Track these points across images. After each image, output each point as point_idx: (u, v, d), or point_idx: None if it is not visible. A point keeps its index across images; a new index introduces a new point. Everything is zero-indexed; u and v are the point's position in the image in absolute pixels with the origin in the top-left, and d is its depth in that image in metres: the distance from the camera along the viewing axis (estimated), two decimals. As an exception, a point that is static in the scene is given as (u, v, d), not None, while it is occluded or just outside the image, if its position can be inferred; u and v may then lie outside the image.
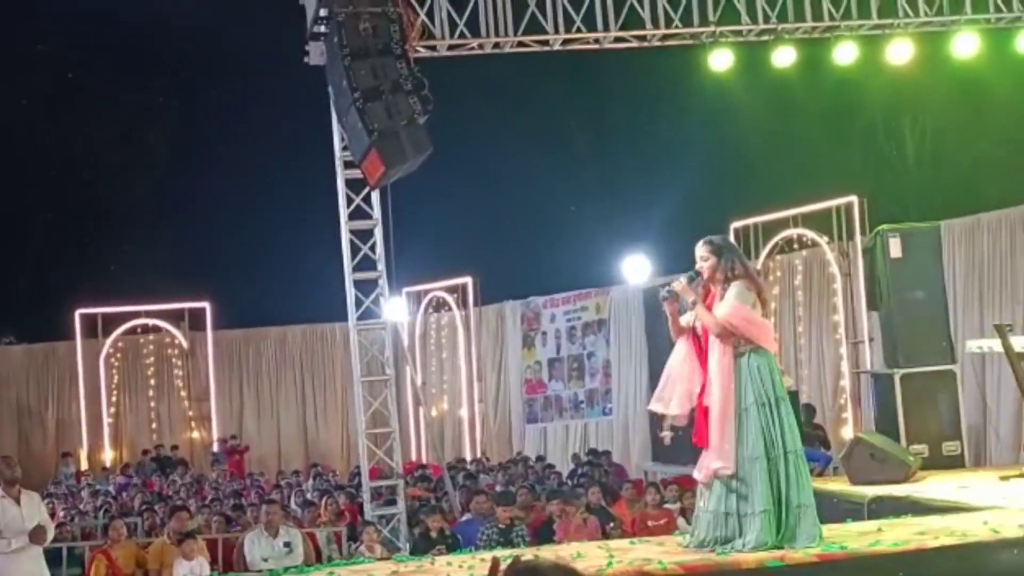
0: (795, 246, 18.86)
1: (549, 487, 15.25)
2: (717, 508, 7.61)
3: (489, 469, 19.14)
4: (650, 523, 12.16)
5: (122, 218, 30.87)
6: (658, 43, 14.83)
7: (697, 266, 7.90)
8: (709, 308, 7.80)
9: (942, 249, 13.60)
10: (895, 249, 12.70)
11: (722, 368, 7.66)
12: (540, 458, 20.40)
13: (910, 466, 11.19)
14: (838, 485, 11.19)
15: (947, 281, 13.93)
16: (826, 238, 18.03)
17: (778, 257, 18.99)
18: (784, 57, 14.82)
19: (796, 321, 18.90)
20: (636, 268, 20.68)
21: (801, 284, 18.91)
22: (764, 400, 7.64)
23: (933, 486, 10.64)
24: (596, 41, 14.67)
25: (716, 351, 7.71)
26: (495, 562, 2.35)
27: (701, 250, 7.91)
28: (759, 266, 17.93)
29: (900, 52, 14.91)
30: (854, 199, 17.33)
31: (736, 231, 18.79)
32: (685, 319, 7.97)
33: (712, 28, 14.54)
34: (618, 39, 14.67)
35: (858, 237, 17.00)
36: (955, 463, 12.25)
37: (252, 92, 27.84)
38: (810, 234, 18.37)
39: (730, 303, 7.68)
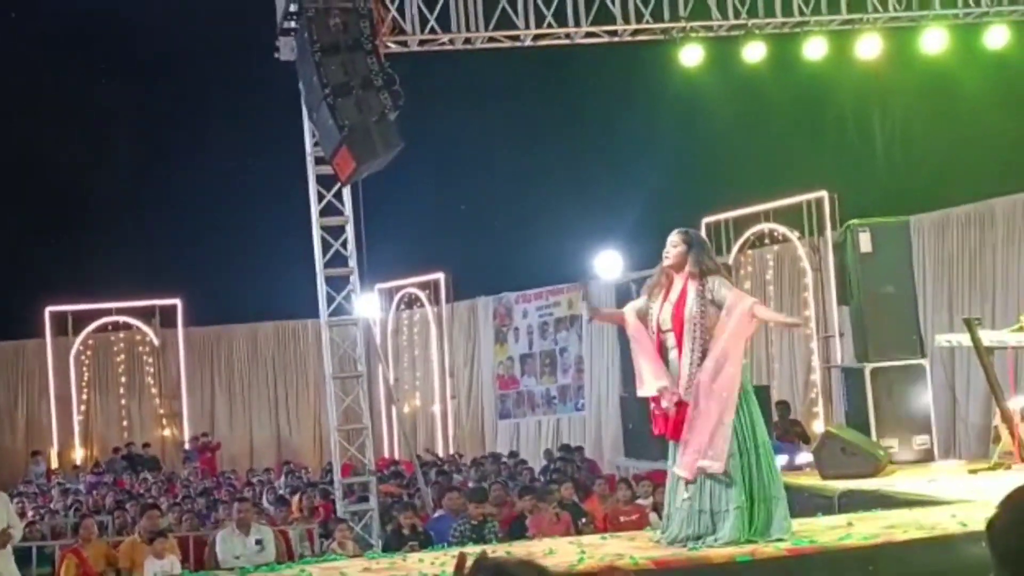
0: (766, 241, 18.93)
1: (521, 483, 15.26)
2: (692, 504, 7.62)
3: (460, 466, 19.15)
4: (622, 518, 12.17)
5: (92, 215, 30.65)
6: (629, 38, 14.87)
7: (665, 251, 7.93)
8: (667, 300, 7.85)
9: (911, 244, 13.67)
10: (865, 244, 12.75)
11: (729, 376, 7.63)
12: (513, 454, 20.41)
13: (880, 460, 11.24)
14: (808, 479, 11.23)
15: (916, 276, 14.02)
16: (797, 233, 18.11)
17: (749, 252, 19.06)
18: (754, 52, 14.88)
19: (767, 316, 18.95)
20: (608, 264, 20.68)
21: (772, 279, 18.98)
22: (738, 397, 7.67)
23: (903, 480, 10.71)
24: (567, 36, 14.69)
25: (729, 356, 7.64)
26: (461, 558, 2.33)
27: (674, 237, 7.97)
28: (730, 261, 17.98)
29: (869, 47, 15.00)
30: (824, 194, 17.41)
31: (707, 226, 18.85)
32: (633, 306, 8.03)
33: (683, 23, 14.59)
34: (589, 34, 14.70)
35: (828, 232, 17.07)
36: (925, 457, 12.32)
37: (222, 87, 27.68)
38: (781, 229, 18.45)
39: (744, 297, 7.77)
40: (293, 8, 13.40)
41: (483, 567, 2.18)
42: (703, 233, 18.76)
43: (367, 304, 17.54)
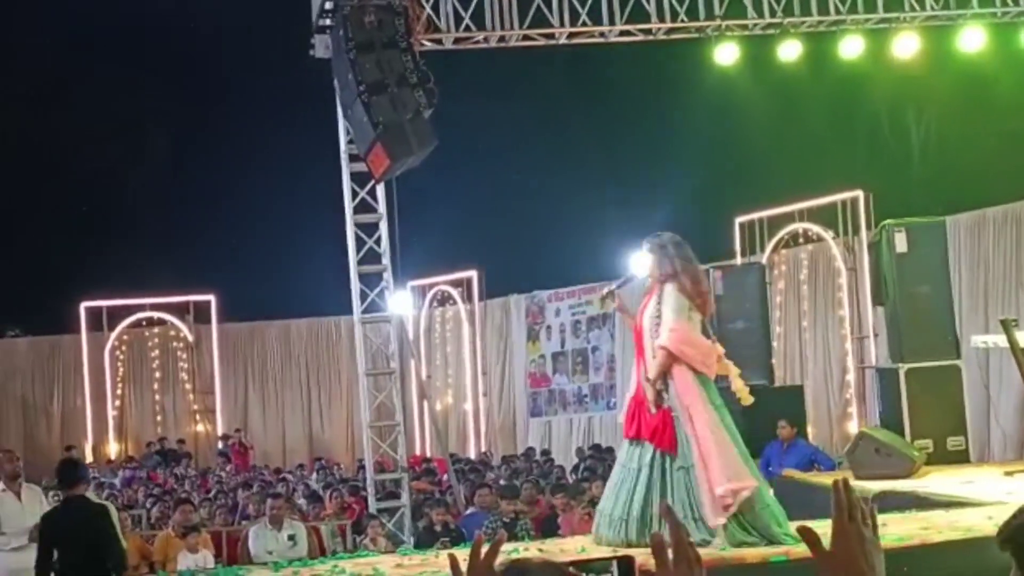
0: (800, 241, 18.85)
1: (553, 481, 15.25)
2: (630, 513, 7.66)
3: (492, 464, 19.16)
4: (655, 517, 12.12)
5: (127, 212, 30.86)
6: (663, 37, 14.83)
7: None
8: (645, 307, 7.86)
9: (947, 244, 13.57)
10: (900, 244, 12.69)
11: (680, 389, 7.65)
12: (544, 452, 20.40)
13: (914, 461, 11.18)
14: (843, 480, 11.17)
15: (952, 276, 13.91)
16: (831, 233, 18.01)
17: (783, 252, 18.98)
18: (790, 51, 14.82)
19: (801, 316, 18.89)
20: (641, 263, 20.66)
21: (806, 279, 18.89)
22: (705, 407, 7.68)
23: (937, 481, 10.64)
24: (601, 35, 14.67)
25: (670, 369, 7.67)
26: (452, 559, 2.32)
27: (643, 246, 8.02)
28: (764, 260, 17.91)
29: (906, 46, 14.90)
30: (860, 193, 17.31)
31: (741, 225, 18.79)
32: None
33: (718, 22, 14.54)
34: (623, 33, 14.67)
35: (863, 232, 16.98)
36: (959, 458, 12.24)
37: (257, 85, 27.82)
38: (815, 229, 18.36)
39: (667, 325, 7.67)
40: (328, 6, 13.43)
41: (508, 569, 2.17)
42: (737, 232, 18.78)
43: (400, 301, 17.57)
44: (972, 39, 14.88)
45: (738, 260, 18.36)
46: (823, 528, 2.28)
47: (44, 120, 30.78)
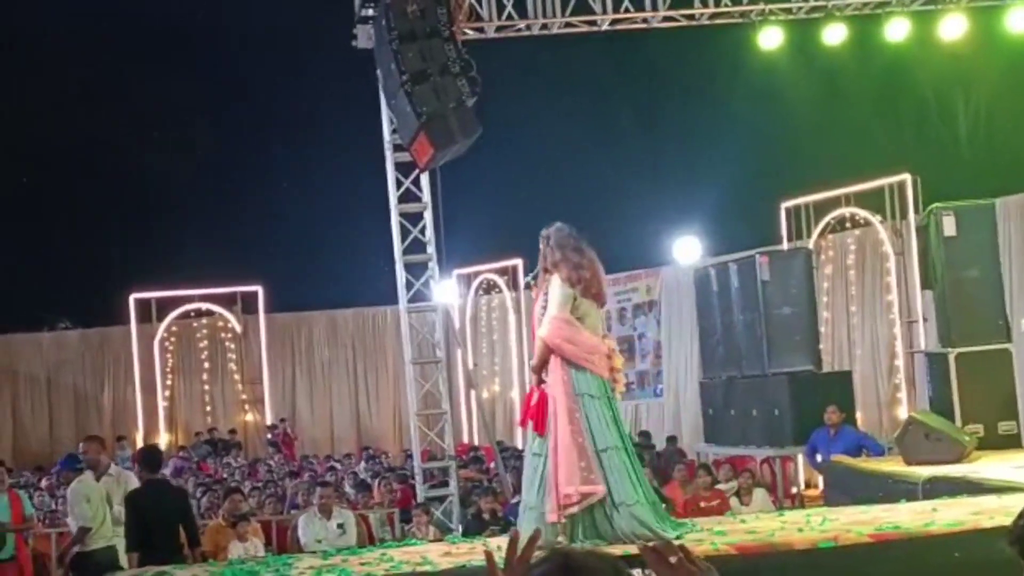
0: (847, 225, 18.69)
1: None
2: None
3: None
4: (702, 504, 12.12)
5: (174, 204, 31.08)
6: (707, 22, 14.76)
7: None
8: (536, 298, 8.04)
9: (996, 227, 13.42)
10: (949, 227, 12.57)
11: (554, 379, 7.70)
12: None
13: (965, 446, 11.09)
14: (893, 465, 11.12)
15: (1002, 259, 13.77)
16: (879, 217, 17.86)
17: (830, 237, 18.84)
18: (835, 34, 14.71)
19: (849, 301, 18.76)
20: (687, 249, 20.62)
21: (854, 264, 18.75)
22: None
23: (988, 466, 10.55)
24: (644, 21, 14.62)
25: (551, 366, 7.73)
26: (488, 556, 2.32)
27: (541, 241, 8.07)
28: (811, 245, 17.80)
29: (953, 28, 14.74)
30: (907, 177, 17.14)
31: (787, 210, 18.67)
32: None
33: (762, 6, 14.46)
34: (666, 18, 14.61)
35: (911, 215, 16.82)
36: (1011, 443, 12.12)
37: (301, 76, 27.93)
38: (862, 213, 18.20)
39: (549, 315, 7.71)
40: (371, -4, 13.47)
41: (552, 557, 2.17)
42: (783, 217, 18.67)
43: (445, 290, 17.60)
44: (1020, 19, 14.69)
45: (784, 245, 18.25)
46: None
47: (93, 115, 31.05)
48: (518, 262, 23.31)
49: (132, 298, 24.59)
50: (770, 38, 14.58)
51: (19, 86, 30.41)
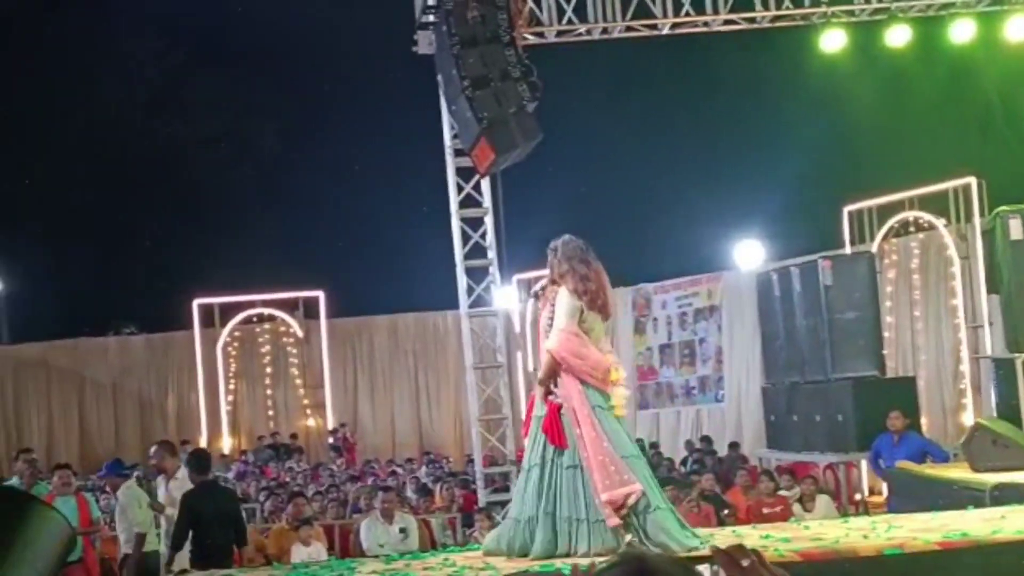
0: (911, 229, 18.50)
1: (663, 474, 15.19)
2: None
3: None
4: (765, 510, 12.05)
5: (238, 209, 31.39)
6: (768, 25, 14.69)
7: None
8: (543, 309, 7.92)
9: (1064, 229, 13.23)
10: (1015, 231, 12.42)
11: (565, 388, 7.64)
12: (652, 445, 20.33)
13: (1033, 452, 10.93)
14: (958, 472, 10.98)
15: (1070, 262, 13.55)
16: (943, 220, 17.66)
17: (893, 241, 18.66)
18: (898, 36, 14.58)
19: (913, 306, 18.57)
20: (748, 252, 20.52)
21: (917, 268, 18.56)
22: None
23: (1058, 473, 10.39)
24: (705, 24, 14.58)
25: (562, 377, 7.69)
26: (574, 569, 2.29)
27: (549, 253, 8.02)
28: (874, 249, 17.64)
29: (1019, 29, 14.56)
30: (972, 180, 16.93)
31: (850, 214, 18.52)
32: None
33: (824, 8, 14.38)
34: (727, 22, 14.57)
35: (976, 219, 16.62)
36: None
37: (361, 82, 28.09)
38: (926, 217, 18.00)
39: (557, 327, 7.65)
40: (432, 2, 13.52)
41: (626, 560, 2.14)
42: (845, 221, 18.52)
43: (506, 295, 17.61)
44: (1088, 20, 14.50)
45: (847, 249, 18.10)
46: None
47: (157, 124, 31.44)
48: (578, 267, 23.26)
49: (196, 303, 24.79)
50: (832, 40, 14.49)
51: (87, 96, 30.87)
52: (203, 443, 24.36)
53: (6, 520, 2.48)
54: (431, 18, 13.74)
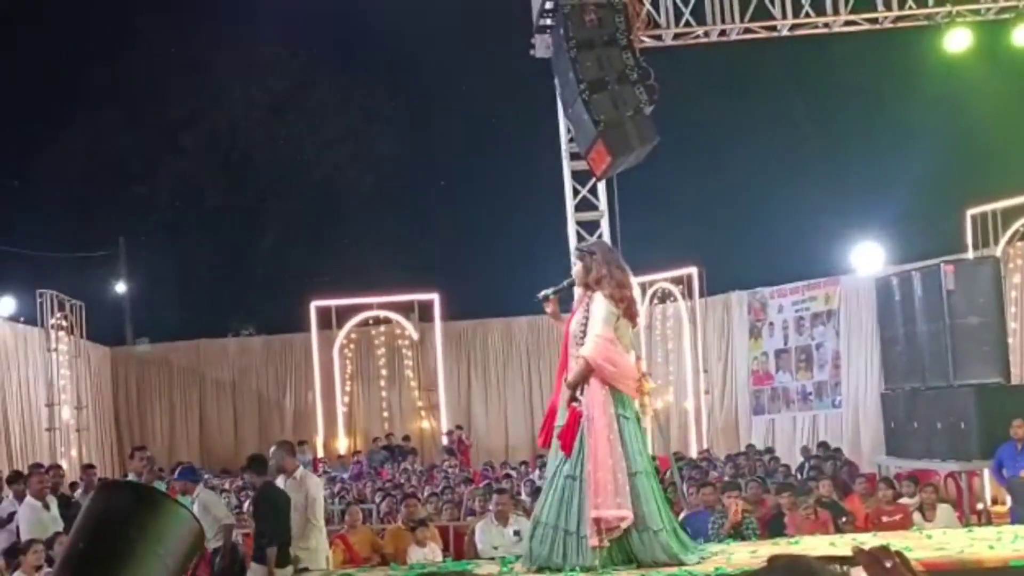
0: (1037, 232, 18.08)
1: (778, 480, 15.02)
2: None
3: (715, 462, 18.97)
4: (884, 518, 11.84)
5: (353, 213, 31.77)
6: (890, 25, 14.45)
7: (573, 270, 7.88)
8: (574, 314, 7.99)
9: None
10: None
11: (591, 395, 7.58)
12: (768, 450, 20.12)
13: None
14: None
15: None
16: (1070, 224, 17.23)
17: (1019, 244, 18.24)
18: (1026, 35, 14.26)
19: (1038, 310, 18.14)
20: (867, 256, 20.21)
21: (1045, 272, 18.13)
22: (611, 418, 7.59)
23: None
24: (826, 25, 14.40)
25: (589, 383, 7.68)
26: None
27: (573, 257, 7.90)
28: (998, 253, 17.26)
29: None
30: (1102, 182, 16.50)
31: (973, 218, 18.15)
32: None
33: (948, 8, 14.11)
34: (848, 23, 14.37)
35: (1105, 222, 16.19)
36: None
37: (479, 86, 28.25)
38: (1054, 219, 17.58)
39: (593, 331, 7.59)
40: (549, 5, 13.54)
41: (781, 562, 2.12)
42: (968, 224, 18.15)
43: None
44: None
45: (970, 254, 17.74)
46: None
47: (279, 127, 31.96)
48: (693, 270, 23.15)
49: (313, 306, 25.09)
50: (957, 40, 14.21)
51: (213, 100, 31.49)
52: (319, 443, 24.73)
53: (137, 516, 2.51)
54: (548, 21, 13.77)
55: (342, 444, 24.96)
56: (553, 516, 7.52)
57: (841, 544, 7.98)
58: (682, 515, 12.64)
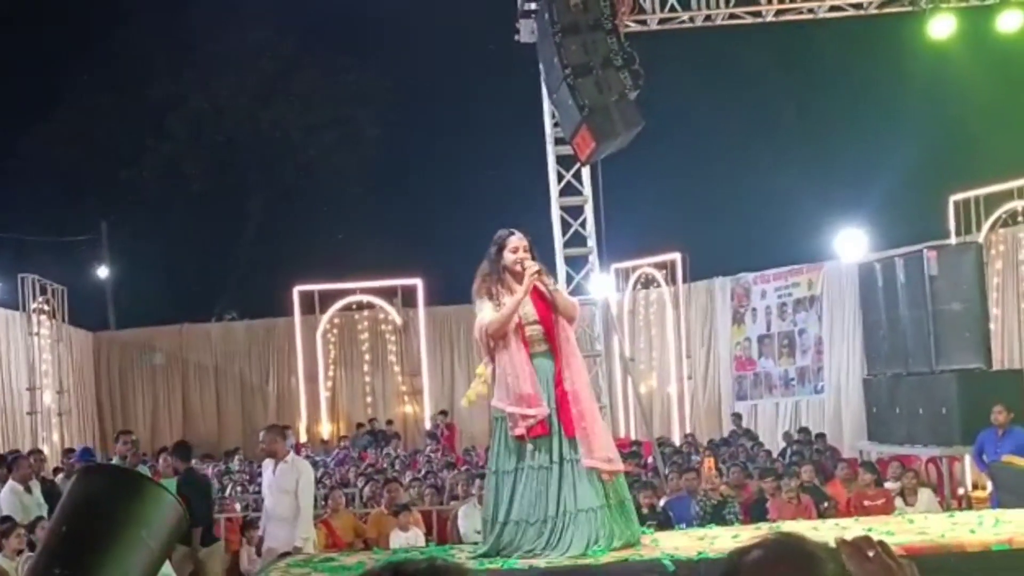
0: (1020, 219, 18.13)
1: (761, 465, 15.07)
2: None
3: (697, 447, 19.01)
4: (867, 503, 11.89)
5: (336, 197, 31.68)
6: (875, 11, 14.47)
7: (519, 255, 7.91)
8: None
9: None
10: None
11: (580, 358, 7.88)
12: (747, 432, 20.18)
13: None
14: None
15: None
16: (1053, 210, 17.29)
17: (1001, 231, 18.30)
18: (1010, 22, 14.27)
19: (1020, 297, 18.19)
20: (850, 242, 20.26)
21: (1026, 259, 18.19)
22: None
23: None
24: (810, 11, 14.42)
25: (572, 339, 7.89)
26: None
27: (524, 241, 7.99)
28: (981, 239, 17.32)
29: None
30: (1085, 168, 16.56)
31: (956, 204, 18.20)
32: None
33: (933, -6, 14.11)
34: (833, 8, 14.38)
35: (1088, 208, 16.25)
36: None
37: (462, 71, 28.19)
38: (1035, 206, 17.64)
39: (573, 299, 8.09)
40: (533, -10, 13.52)
41: (775, 539, 2.11)
42: (951, 211, 18.21)
43: (603, 284, 17.57)
44: None
45: (952, 240, 17.79)
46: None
47: (262, 112, 31.84)
48: (676, 256, 23.18)
49: (296, 290, 25.05)
50: (941, 27, 14.22)
51: (197, 85, 31.35)
52: (302, 428, 24.70)
53: (120, 500, 2.50)
54: (533, 6, 13.76)
55: (325, 429, 24.94)
56: (526, 511, 7.46)
57: (824, 529, 8.00)
58: (663, 500, 12.70)
